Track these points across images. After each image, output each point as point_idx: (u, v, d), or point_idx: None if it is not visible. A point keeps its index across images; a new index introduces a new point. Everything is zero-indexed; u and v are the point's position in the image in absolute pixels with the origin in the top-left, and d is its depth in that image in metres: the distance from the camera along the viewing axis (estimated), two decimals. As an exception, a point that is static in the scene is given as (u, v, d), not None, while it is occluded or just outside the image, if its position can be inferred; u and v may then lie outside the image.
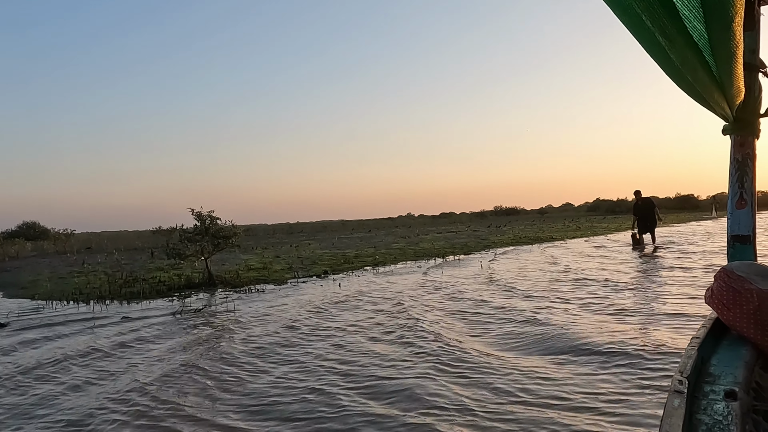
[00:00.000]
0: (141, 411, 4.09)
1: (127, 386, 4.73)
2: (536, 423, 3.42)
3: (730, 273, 1.39)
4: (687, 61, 0.99)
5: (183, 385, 4.69)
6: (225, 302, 9.39)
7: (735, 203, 1.63)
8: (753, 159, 1.62)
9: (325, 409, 3.90)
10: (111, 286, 12.10)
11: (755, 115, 1.58)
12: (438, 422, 3.53)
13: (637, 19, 0.86)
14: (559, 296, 8.10)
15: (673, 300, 7.26)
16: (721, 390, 1.03)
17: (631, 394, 3.81)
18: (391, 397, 4.08)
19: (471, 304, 7.89)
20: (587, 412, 3.55)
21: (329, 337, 6.20)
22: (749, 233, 1.62)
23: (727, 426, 0.92)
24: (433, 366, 4.78)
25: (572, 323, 6.13)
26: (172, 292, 11.23)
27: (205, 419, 3.87)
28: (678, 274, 10.00)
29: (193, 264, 12.88)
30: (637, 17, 0.85)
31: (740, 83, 1.25)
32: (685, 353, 1.16)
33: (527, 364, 4.68)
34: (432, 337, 5.82)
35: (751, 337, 1.29)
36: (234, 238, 12.55)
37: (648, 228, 17.42)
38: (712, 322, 1.37)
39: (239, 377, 4.85)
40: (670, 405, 0.94)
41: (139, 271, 15.36)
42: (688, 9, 0.83)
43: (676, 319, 6.02)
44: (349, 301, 8.75)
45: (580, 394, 3.87)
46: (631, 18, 0.89)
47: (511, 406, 3.72)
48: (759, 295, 1.30)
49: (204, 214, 12.15)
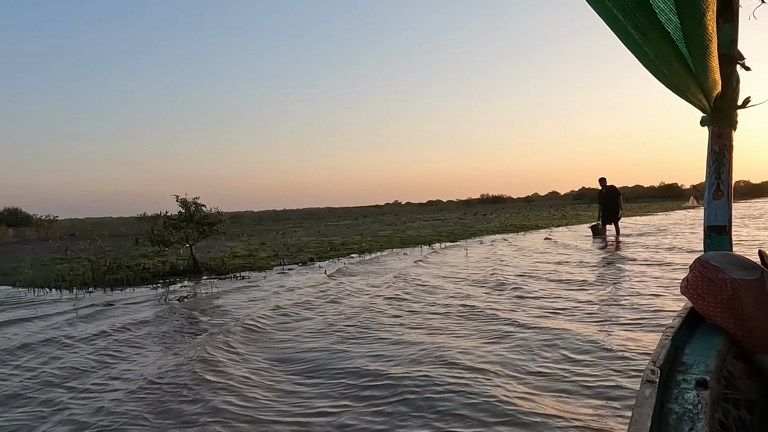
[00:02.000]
0: (119, 399, 4.08)
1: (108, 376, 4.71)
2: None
3: (705, 263, 1.40)
4: (661, 53, 0.99)
5: (178, 376, 4.68)
6: (209, 288, 9.34)
7: (712, 194, 1.64)
8: (730, 150, 1.63)
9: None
10: (95, 273, 11.98)
11: (732, 106, 1.59)
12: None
13: (609, 12, 0.86)
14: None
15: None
16: (693, 379, 1.04)
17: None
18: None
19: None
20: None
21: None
22: (725, 224, 1.64)
23: (696, 414, 0.94)
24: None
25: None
26: (156, 279, 11.16)
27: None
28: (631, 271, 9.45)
29: (178, 251, 12.79)
30: (609, 10, 0.85)
31: (716, 75, 1.26)
32: (659, 343, 1.17)
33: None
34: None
35: (725, 326, 1.31)
36: (219, 225, 12.47)
37: (611, 218, 16.28)
38: (687, 312, 1.39)
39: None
40: (642, 395, 0.95)
41: (123, 258, 15.21)
42: (662, 1, 0.83)
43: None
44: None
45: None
46: (604, 11, 0.89)
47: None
48: (733, 284, 1.32)
49: (189, 200, 12.05)
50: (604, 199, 16.24)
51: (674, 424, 0.92)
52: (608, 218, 16.34)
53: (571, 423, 3.20)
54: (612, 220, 16.28)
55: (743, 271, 1.37)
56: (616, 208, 16.07)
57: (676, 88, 1.30)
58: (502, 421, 3.29)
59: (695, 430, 0.90)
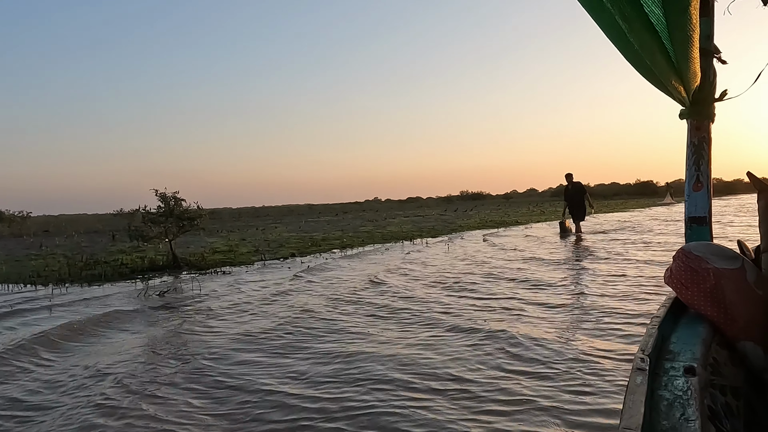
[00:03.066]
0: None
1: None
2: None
3: (687, 253, 1.43)
4: (645, 44, 1.02)
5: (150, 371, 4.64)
6: (189, 283, 9.25)
7: (692, 186, 1.68)
8: (708, 142, 1.67)
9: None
10: (71, 268, 11.76)
11: (710, 99, 1.63)
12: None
13: (597, 3, 0.88)
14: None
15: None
16: (681, 366, 1.06)
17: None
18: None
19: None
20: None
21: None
22: (705, 215, 1.68)
23: (687, 400, 0.95)
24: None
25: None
26: (135, 274, 11.00)
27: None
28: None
29: (157, 246, 12.63)
30: (597, 1, 0.87)
31: (696, 67, 1.29)
32: (647, 332, 1.19)
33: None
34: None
35: (708, 315, 1.34)
36: (199, 220, 12.34)
37: (576, 215, 15.87)
38: (671, 302, 1.42)
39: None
40: (633, 382, 0.97)
41: (100, 253, 14.96)
42: None
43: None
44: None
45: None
46: (591, 2, 0.91)
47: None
48: (715, 273, 1.35)
49: (168, 195, 11.90)
50: (570, 195, 15.90)
51: (666, 410, 0.94)
52: (573, 215, 15.96)
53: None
54: (576, 217, 15.90)
55: (725, 260, 1.41)
56: (582, 206, 15.75)
57: (657, 81, 1.33)
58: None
59: (686, 415, 0.92)
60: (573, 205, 15.80)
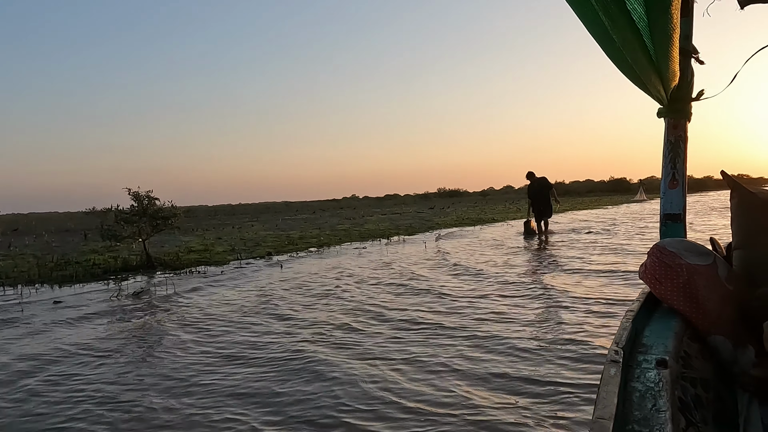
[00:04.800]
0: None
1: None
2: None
3: (662, 249, 1.46)
4: (627, 41, 1.03)
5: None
6: (164, 284, 9.12)
7: (668, 183, 1.71)
8: (685, 141, 1.70)
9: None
10: (41, 269, 11.47)
11: (688, 98, 1.66)
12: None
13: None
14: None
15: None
16: (653, 359, 1.09)
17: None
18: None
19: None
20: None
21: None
22: (680, 212, 1.71)
23: (658, 392, 0.98)
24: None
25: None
26: (107, 275, 10.79)
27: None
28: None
29: (131, 246, 12.41)
30: None
31: (675, 66, 1.31)
32: (621, 325, 1.22)
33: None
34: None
35: (681, 309, 1.36)
36: (174, 219, 12.17)
37: (542, 214, 14.68)
38: (645, 296, 1.45)
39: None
40: (607, 374, 0.99)
41: (71, 253, 14.64)
42: None
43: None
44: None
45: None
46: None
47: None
48: (688, 269, 1.38)
49: (142, 194, 11.71)
50: (535, 192, 14.63)
51: (638, 401, 0.97)
52: (539, 215, 14.76)
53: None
54: (542, 216, 14.71)
55: (698, 256, 1.43)
56: (548, 203, 14.59)
57: (637, 79, 1.35)
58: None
59: (657, 406, 0.94)
60: (538, 203, 14.70)
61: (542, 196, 14.59)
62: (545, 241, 13.22)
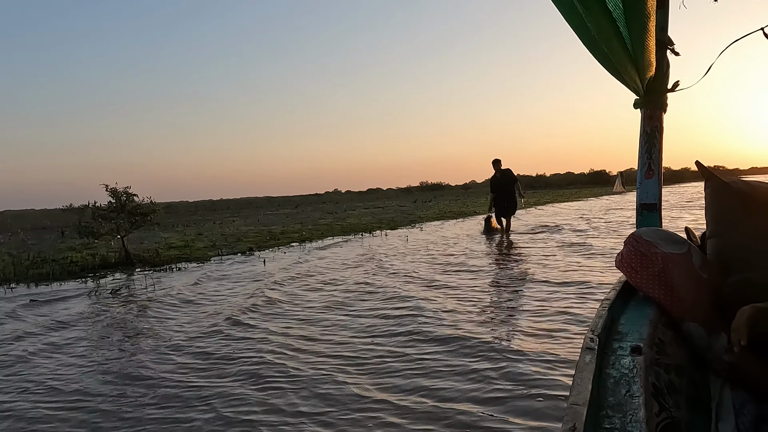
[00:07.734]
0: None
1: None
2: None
3: (638, 238, 1.48)
4: (602, 29, 1.03)
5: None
6: (143, 281, 9.01)
7: (644, 173, 1.73)
8: (660, 132, 1.72)
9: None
10: (16, 267, 11.23)
11: (663, 89, 1.68)
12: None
13: None
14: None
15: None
16: (628, 346, 1.11)
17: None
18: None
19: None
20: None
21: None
22: (656, 201, 1.74)
23: (632, 378, 1.00)
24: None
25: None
26: (86, 272, 10.61)
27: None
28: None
29: (109, 243, 12.23)
30: None
31: (651, 57, 1.32)
32: (597, 314, 1.23)
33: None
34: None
35: (656, 297, 1.38)
36: (153, 215, 12.01)
37: (506, 211, 13.13)
38: (621, 285, 1.46)
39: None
40: (582, 361, 1.00)
41: (48, 251, 14.37)
42: None
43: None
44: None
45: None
46: None
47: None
48: (663, 258, 1.40)
49: (119, 190, 11.54)
50: (499, 185, 12.95)
51: (612, 387, 0.98)
52: (502, 211, 13.20)
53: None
54: (505, 212, 13.17)
55: (673, 245, 1.45)
56: (513, 199, 13.06)
57: (613, 69, 1.36)
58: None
59: (631, 392, 0.96)
60: (503, 199, 13.08)
61: (507, 190, 12.95)
62: (505, 243, 11.38)
